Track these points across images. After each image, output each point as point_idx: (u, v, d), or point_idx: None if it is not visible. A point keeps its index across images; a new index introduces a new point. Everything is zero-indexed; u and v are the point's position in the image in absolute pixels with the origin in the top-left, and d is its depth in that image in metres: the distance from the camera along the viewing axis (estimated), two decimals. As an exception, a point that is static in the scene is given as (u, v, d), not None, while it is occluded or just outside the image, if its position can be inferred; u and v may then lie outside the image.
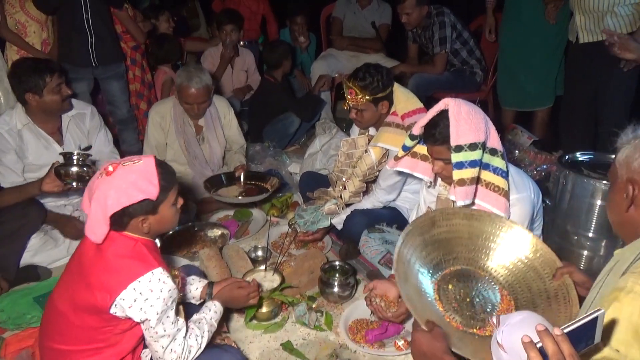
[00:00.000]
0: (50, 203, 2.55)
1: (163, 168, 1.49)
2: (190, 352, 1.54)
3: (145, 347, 1.62)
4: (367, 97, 2.31)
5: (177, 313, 1.54)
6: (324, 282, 2.31)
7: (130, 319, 1.44)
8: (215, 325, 1.68)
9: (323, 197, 2.67)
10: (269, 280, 2.25)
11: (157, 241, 1.64)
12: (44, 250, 2.47)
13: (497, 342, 1.41)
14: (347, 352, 2.02)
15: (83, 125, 2.75)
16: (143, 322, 1.45)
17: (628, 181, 1.25)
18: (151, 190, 1.42)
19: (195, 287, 1.84)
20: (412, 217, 2.18)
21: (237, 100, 4.25)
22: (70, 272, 1.52)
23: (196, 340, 1.57)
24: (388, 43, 4.59)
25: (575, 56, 3.15)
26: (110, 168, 1.42)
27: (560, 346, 0.84)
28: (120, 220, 1.43)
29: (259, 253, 2.64)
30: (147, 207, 1.45)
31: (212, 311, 1.69)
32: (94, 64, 3.34)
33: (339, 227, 2.60)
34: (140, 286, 1.39)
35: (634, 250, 1.21)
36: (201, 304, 1.79)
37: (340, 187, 2.59)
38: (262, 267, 2.32)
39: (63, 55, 3.32)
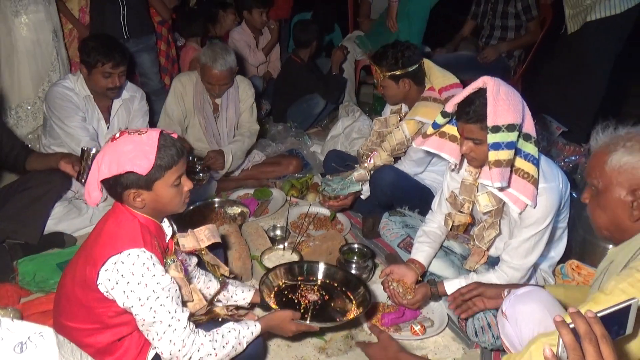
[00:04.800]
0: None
1: (167, 145, 1.40)
2: (199, 350, 1.41)
3: None
4: (385, 74, 2.36)
5: (182, 304, 1.45)
6: (341, 264, 2.30)
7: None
8: (244, 345, 1.52)
9: (351, 170, 2.66)
10: (287, 259, 2.25)
11: (167, 226, 1.55)
12: (68, 218, 2.51)
13: (502, 311, 1.44)
14: (362, 334, 2.02)
15: (131, 108, 2.81)
16: (128, 308, 1.37)
17: (632, 190, 1.20)
18: (143, 164, 1.35)
19: (247, 289, 1.85)
20: (435, 203, 2.14)
21: (260, 79, 4.23)
22: (82, 248, 1.50)
23: (211, 343, 1.44)
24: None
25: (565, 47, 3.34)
26: (117, 135, 1.40)
27: (593, 327, 0.82)
28: (113, 188, 1.40)
29: (278, 232, 2.64)
30: (139, 182, 1.38)
31: (249, 331, 1.54)
32: (125, 36, 3.32)
33: (365, 195, 2.59)
34: (122, 267, 1.33)
35: (626, 254, 1.19)
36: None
37: (367, 161, 2.57)
38: (281, 246, 2.32)
39: (95, 27, 3.33)
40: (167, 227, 1.56)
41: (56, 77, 3.20)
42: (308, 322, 1.71)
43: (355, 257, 2.32)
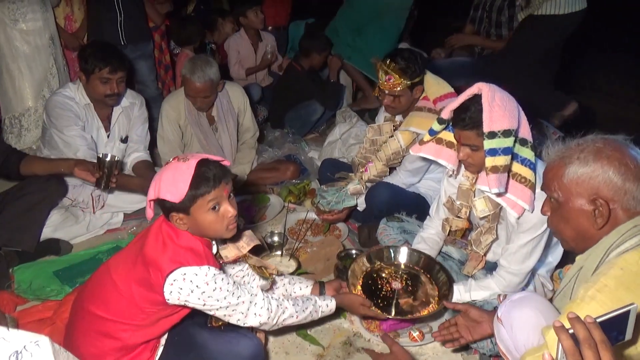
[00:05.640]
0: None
1: (203, 173, 1.41)
2: (284, 312, 1.58)
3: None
4: (406, 82, 2.27)
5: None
6: (339, 270, 2.29)
7: (179, 306, 1.48)
8: (318, 315, 1.69)
9: (345, 179, 2.66)
10: (284, 265, 2.25)
11: (213, 243, 1.58)
12: (65, 226, 2.50)
13: (498, 316, 1.44)
14: (361, 341, 2.01)
15: (131, 115, 2.79)
16: (206, 309, 1.49)
17: (592, 200, 1.22)
18: (175, 193, 1.40)
19: (305, 286, 1.87)
20: (432, 209, 2.15)
21: (259, 86, 4.23)
22: (133, 249, 1.54)
23: (294, 306, 1.60)
24: (413, 33, 4.53)
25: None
26: (171, 160, 1.47)
27: (592, 333, 0.82)
28: (162, 208, 1.46)
29: (275, 238, 2.63)
30: (177, 207, 1.42)
31: (325, 304, 1.71)
32: (122, 43, 3.33)
33: (362, 207, 2.58)
34: (196, 279, 1.41)
35: (594, 259, 1.21)
36: None
37: (362, 171, 2.57)
38: (279, 252, 2.32)
39: (93, 34, 3.34)
40: (213, 243, 1.59)
41: (55, 83, 3.20)
42: (391, 315, 1.83)
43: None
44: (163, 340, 1.62)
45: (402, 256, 2.05)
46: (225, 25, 4.30)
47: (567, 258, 2.17)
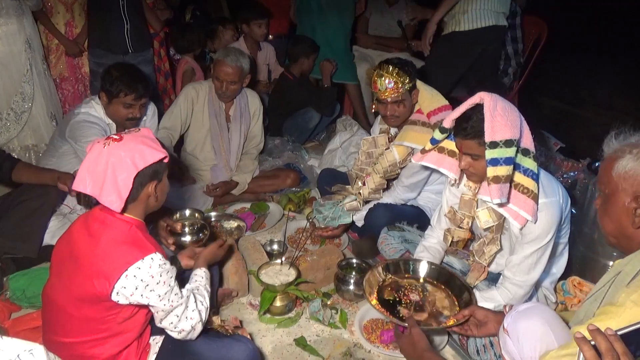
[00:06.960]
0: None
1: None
2: (199, 313, 1.56)
3: (153, 333, 1.61)
4: (407, 83, 2.22)
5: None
6: (340, 279, 2.27)
7: (132, 305, 1.43)
8: (209, 288, 1.70)
9: (342, 192, 2.63)
10: (284, 274, 2.22)
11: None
12: (62, 233, 2.47)
13: (504, 327, 1.42)
14: (362, 352, 1.98)
15: (143, 127, 2.78)
16: (146, 305, 1.44)
17: (635, 197, 1.20)
18: (162, 151, 1.47)
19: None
20: (434, 218, 2.13)
21: (265, 95, 4.23)
22: (63, 263, 1.47)
23: (202, 304, 1.59)
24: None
25: None
26: (116, 136, 1.44)
27: (614, 345, 0.81)
28: (139, 184, 1.44)
29: (275, 247, 2.61)
30: (159, 171, 1.49)
31: (204, 278, 1.70)
32: (130, 51, 3.34)
33: (360, 223, 2.55)
34: (140, 273, 1.37)
35: (635, 264, 1.18)
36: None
37: (360, 184, 2.55)
38: (278, 261, 2.29)
39: (97, 41, 3.34)
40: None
41: (29, 88, 3.18)
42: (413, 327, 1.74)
43: (354, 273, 2.29)
44: (157, 348, 1.60)
45: (422, 269, 1.98)
46: (226, 34, 4.30)
47: (570, 269, 2.16)
